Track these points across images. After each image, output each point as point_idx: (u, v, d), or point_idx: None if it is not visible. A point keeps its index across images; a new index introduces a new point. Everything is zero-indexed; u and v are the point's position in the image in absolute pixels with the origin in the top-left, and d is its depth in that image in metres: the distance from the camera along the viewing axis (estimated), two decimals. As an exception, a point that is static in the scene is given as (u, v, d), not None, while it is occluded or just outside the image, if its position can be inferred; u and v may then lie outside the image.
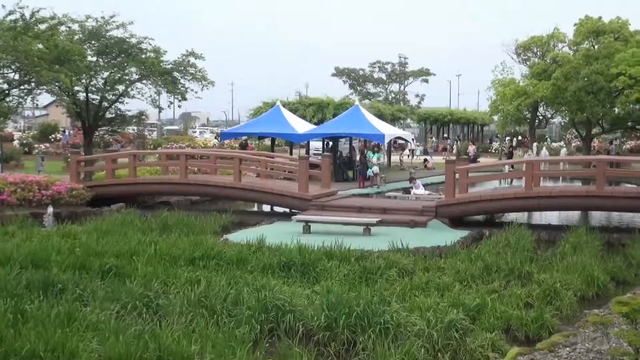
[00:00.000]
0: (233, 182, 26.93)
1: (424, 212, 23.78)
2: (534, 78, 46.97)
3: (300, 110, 44.53)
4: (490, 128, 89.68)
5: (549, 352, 9.56)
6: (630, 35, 44.04)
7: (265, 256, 16.06)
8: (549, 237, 21.55)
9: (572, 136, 69.07)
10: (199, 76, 35.68)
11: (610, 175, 27.05)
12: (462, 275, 14.96)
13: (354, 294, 12.31)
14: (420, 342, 10.44)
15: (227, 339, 10.24)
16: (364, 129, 35.09)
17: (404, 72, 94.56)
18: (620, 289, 15.25)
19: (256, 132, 39.82)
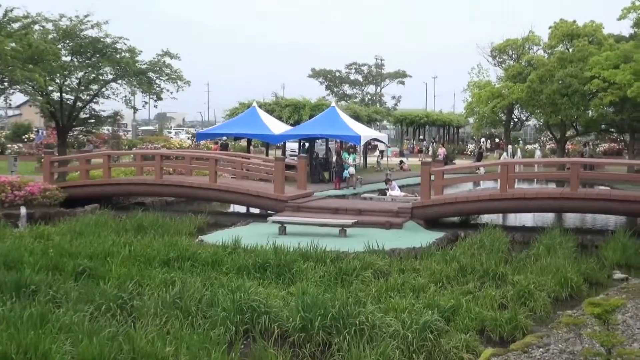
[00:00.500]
0: (208, 183, 26.85)
1: (399, 214, 23.85)
2: (509, 80, 47.34)
3: (277, 111, 44.52)
4: (466, 130, 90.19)
5: (522, 353, 9.62)
6: (604, 39, 44.47)
7: (240, 257, 16.00)
8: (524, 238, 21.72)
9: (546, 138, 69.63)
10: (174, 76, 35.49)
11: (584, 177, 27.30)
12: (437, 276, 14.99)
13: (330, 295, 12.30)
14: (395, 343, 10.45)
15: (202, 340, 10.17)
16: (340, 131, 35.13)
17: (380, 73, 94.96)
18: (594, 290, 15.38)
19: (232, 132, 39.73)
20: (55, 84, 33.28)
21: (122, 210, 25.53)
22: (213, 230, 22.33)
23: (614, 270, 17.39)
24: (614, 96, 36.89)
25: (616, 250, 18.61)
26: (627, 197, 22.98)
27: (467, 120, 67.19)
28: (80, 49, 33.54)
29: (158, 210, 24.75)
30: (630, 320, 10.16)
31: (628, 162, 40.09)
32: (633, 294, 12.55)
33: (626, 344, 8.71)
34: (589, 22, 46.25)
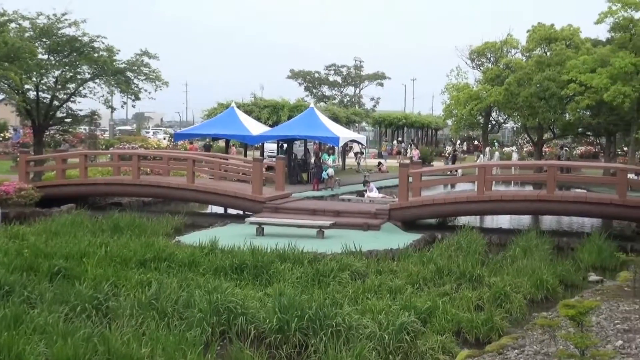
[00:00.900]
0: (186, 183, 26.75)
1: (377, 215, 23.90)
2: (487, 83, 47.63)
3: (255, 112, 44.42)
4: (445, 132, 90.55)
5: (497, 355, 9.67)
6: (581, 43, 44.88)
7: (217, 258, 15.96)
8: (500, 240, 21.84)
9: (524, 141, 70.08)
10: (152, 76, 35.25)
11: (561, 180, 27.51)
12: (414, 278, 15.04)
13: (307, 296, 12.31)
14: (371, 344, 10.47)
15: (178, 341, 10.13)
16: (319, 132, 35.13)
17: (359, 75, 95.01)
18: (569, 292, 15.49)
19: (210, 133, 39.59)
20: (32, 82, 32.93)
21: (99, 211, 25.37)
22: (190, 231, 22.24)
23: (589, 272, 17.54)
24: (590, 100, 37.23)
25: (591, 252, 18.77)
26: (602, 199, 23.20)
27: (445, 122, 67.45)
28: (58, 48, 33.21)
29: (135, 211, 24.60)
30: (604, 322, 10.24)
31: (604, 165, 40.49)
32: (607, 296, 12.65)
33: (600, 345, 8.78)
34: (567, 26, 46.64)
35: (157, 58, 35.57)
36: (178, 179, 28.20)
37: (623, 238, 21.86)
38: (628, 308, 11.09)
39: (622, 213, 22.96)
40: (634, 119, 36.99)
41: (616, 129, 42.93)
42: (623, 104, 34.45)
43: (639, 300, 11.56)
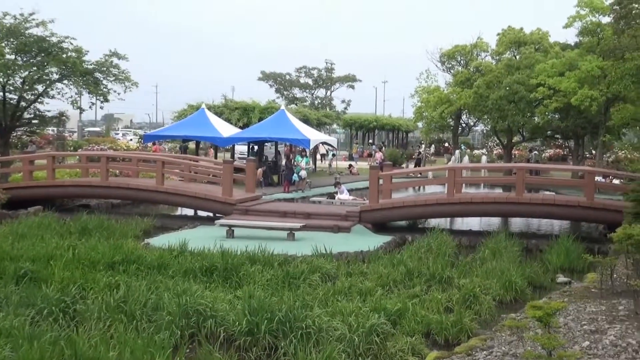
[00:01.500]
0: (155, 185, 26.59)
1: (348, 217, 23.93)
2: (458, 86, 47.87)
3: (226, 113, 44.21)
4: (415, 134, 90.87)
5: (466, 356, 9.70)
6: (550, 47, 45.27)
7: (187, 261, 15.88)
8: (470, 242, 21.98)
9: (494, 144, 70.54)
10: (122, 77, 35.00)
11: (530, 182, 27.74)
12: (384, 280, 15.08)
13: (277, 298, 12.30)
14: (341, 346, 10.47)
15: (146, 344, 10.05)
16: (290, 134, 35.06)
17: (330, 77, 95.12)
18: (537, 293, 15.60)
19: (180, 135, 39.30)
20: (-2, 83, 32.54)
21: (67, 213, 25.11)
22: (160, 233, 22.12)
23: (558, 274, 17.72)
24: (559, 103, 37.56)
25: (560, 254, 18.96)
26: (570, 202, 23.44)
27: (416, 124, 67.70)
28: (25, 48, 32.82)
29: (103, 213, 24.44)
30: (571, 323, 10.32)
31: (572, 167, 40.85)
32: (575, 297, 12.76)
33: (567, 346, 8.84)
34: (536, 29, 47.04)
35: (127, 59, 35.37)
36: (147, 181, 28.02)
37: (591, 240, 22.10)
38: (595, 309, 11.20)
39: (590, 215, 23.23)
40: (601, 122, 37.40)
41: (584, 132, 43.35)
42: (590, 107, 34.82)
43: (606, 302, 11.67)
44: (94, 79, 34.51)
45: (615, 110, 22.97)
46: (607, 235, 16.73)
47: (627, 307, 10.83)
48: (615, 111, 22.48)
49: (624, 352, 8.31)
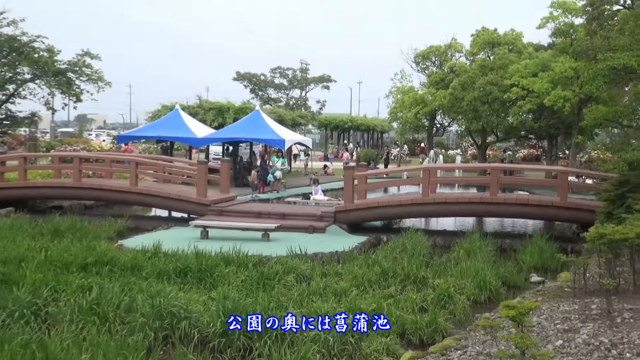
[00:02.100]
0: (129, 186, 26.41)
1: (322, 218, 23.92)
2: (432, 87, 48.02)
3: (200, 114, 44.01)
4: (390, 135, 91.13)
5: (441, 356, 9.71)
6: (524, 47, 45.60)
7: (161, 262, 15.79)
8: (444, 242, 22.07)
9: (468, 144, 70.90)
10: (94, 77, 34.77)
11: (504, 182, 27.92)
12: (359, 280, 15.08)
13: (251, 299, 12.24)
14: (316, 347, 10.45)
15: (120, 347, 9.96)
16: (265, 134, 34.96)
17: (305, 78, 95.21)
18: (511, 293, 15.70)
19: (154, 135, 39.02)
20: (-32, 83, 32.19)
21: (39, 214, 24.87)
22: (133, 234, 21.96)
23: (531, 273, 17.84)
24: (532, 104, 37.84)
25: (533, 253, 19.10)
26: (544, 202, 23.60)
27: (391, 125, 67.86)
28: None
29: (76, 214, 24.22)
30: (545, 322, 10.37)
31: (546, 167, 41.17)
32: (548, 297, 12.83)
33: (540, 345, 8.88)
34: (510, 30, 47.34)
35: (100, 59, 35.17)
36: (121, 182, 27.82)
37: (564, 239, 22.27)
38: (568, 308, 11.27)
39: (563, 215, 23.43)
40: (574, 123, 37.70)
41: (557, 133, 43.68)
42: (563, 108, 35.10)
43: (579, 301, 11.76)
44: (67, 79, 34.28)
45: (588, 110, 23.14)
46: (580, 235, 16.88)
47: (599, 306, 10.91)
48: (588, 112, 22.64)
49: (596, 351, 8.36)
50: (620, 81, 20.80)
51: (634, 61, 17.17)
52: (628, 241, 11.51)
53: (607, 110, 21.19)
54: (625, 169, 18.54)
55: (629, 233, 11.47)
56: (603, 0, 23.32)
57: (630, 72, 18.01)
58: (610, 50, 19.97)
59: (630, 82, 22.28)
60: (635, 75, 18.12)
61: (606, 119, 21.21)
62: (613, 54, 18.27)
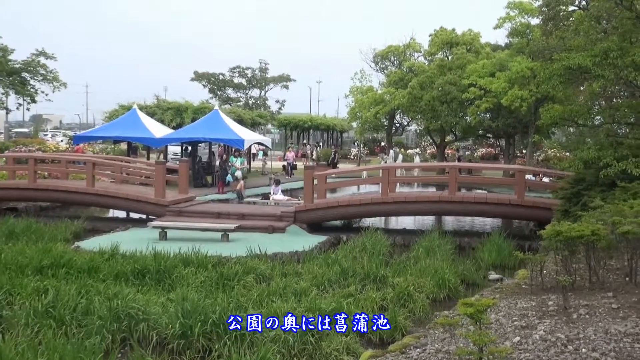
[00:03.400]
0: (86, 187, 26.08)
1: (282, 218, 23.88)
2: (391, 86, 48.25)
3: (158, 114, 43.70)
4: (350, 134, 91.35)
5: (400, 354, 9.74)
6: (481, 47, 46.06)
7: (118, 263, 15.61)
8: (404, 241, 22.17)
9: (427, 143, 71.38)
10: (50, 77, 34.26)
11: (463, 181, 28.16)
12: (319, 280, 15.07)
13: (211, 300, 12.15)
14: (276, 347, 10.41)
15: (76, 350, 9.80)
16: (224, 134, 34.78)
17: (264, 77, 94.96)
18: (470, 290, 15.83)
19: (111, 135, 38.58)
20: None
21: (-7, 216, 24.40)
22: (90, 236, 21.70)
23: (490, 271, 18.02)
24: (489, 103, 38.25)
25: (492, 251, 19.29)
26: (501, 200, 23.86)
27: (350, 124, 68.04)
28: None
29: (32, 216, 23.86)
30: (503, 319, 10.45)
31: (503, 166, 41.66)
32: (506, 294, 12.94)
33: (499, 342, 8.94)
34: (467, 30, 47.77)
35: (55, 58, 34.65)
36: (77, 183, 27.44)
37: (521, 237, 22.54)
38: (525, 305, 11.37)
39: (521, 213, 23.71)
40: (531, 122, 38.19)
41: (515, 132, 44.21)
42: (520, 107, 35.53)
43: (536, 297, 11.88)
44: (21, 79, 33.69)
45: (544, 110, 23.43)
46: (537, 233, 17.09)
47: (556, 302, 11.03)
48: (544, 111, 22.93)
49: (553, 347, 8.45)
50: (575, 81, 21.10)
51: (589, 61, 17.42)
52: (584, 238, 11.65)
53: (562, 110, 21.48)
54: (581, 167, 18.82)
55: (584, 230, 11.61)
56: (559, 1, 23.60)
57: (585, 71, 18.26)
58: (566, 50, 20.24)
59: (585, 82, 22.64)
60: (590, 75, 18.38)
61: (562, 118, 21.50)
62: (568, 54, 18.52)
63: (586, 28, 20.24)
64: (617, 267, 13.25)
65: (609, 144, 18.98)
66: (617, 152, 17.72)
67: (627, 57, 16.94)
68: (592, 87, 22.70)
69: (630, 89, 21.85)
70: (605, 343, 8.33)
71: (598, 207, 14.14)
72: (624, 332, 8.69)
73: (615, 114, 20.68)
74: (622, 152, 17.61)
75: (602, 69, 17.31)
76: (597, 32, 20.35)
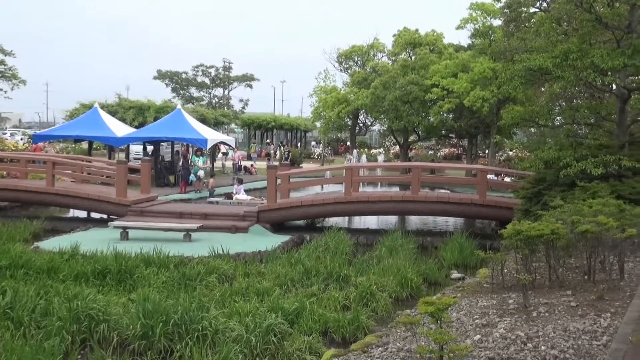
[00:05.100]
0: (45, 186, 25.72)
1: (245, 218, 23.80)
2: (355, 86, 48.41)
3: (120, 113, 43.28)
4: (314, 134, 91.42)
5: (362, 353, 9.76)
6: (444, 48, 46.40)
7: (79, 264, 15.42)
8: (367, 240, 22.22)
9: (391, 143, 71.72)
10: (8, 74, 33.73)
11: (426, 181, 28.32)
12: (282, 279, 15.06)
13: (172, 301, 12.05)
14: (238, 347, 10.37)
15: (35, 352, 9.68)
16: (186, 133, 34.57)
17: (228, 76, 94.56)
18: (432, 289, 15.91)
19: (72, 135, 38.12)
20: None
21: (-51, 216, 23.97)
22: (50, 236, 21.39)
23: (452, 270, 18.14)
24: (452, 104, 38.56)
25: (454, 250, 19.43)
26: (463, 199, 24.04)
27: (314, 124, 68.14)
28: None
29: (-10, 216, 23.42)
30: (464, 318, 10.53)
31: (466, 166, 41.99)
32: (468, 293, 13.05)
33: (459, 340, 9.01)
34: (430, 31, 48.09)
35: (13, 55, 34.11)
36: (37, 182, 27.05)
37: (483, 236, 22.72)
38: (486, 303, 11.47)
39: (482, 212, 23.91)
40: (493, 122, 38.57)
41: (477, 132, 44.61)
42: (482, 108, 35.88)
43: (497, 296, 11.99)
44: (-22, 77, 33.15)
45: (505, 111, 23.70)
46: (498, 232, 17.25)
47: (516, 300, 11.14)
48: (505, 112, 23.18)
49: (513, 344, 8.53)
50: (536, 82, 21.36)
51: (549, 62, 17.62)
52: (543, 237, 11.78)
53: (524, 111, 21.73)
54: (542, 167, 19.04)
55: (544, 229, 11.75)
56: (520, 3, 23.88)
57: (546, 73, 18.47)
58: (527, 51, 20.48)
59: (546, 83, 22.95)
60: (551, 76, 18.60)
61: (523, 119, 21.74)
62: (529, 55, 18.72)
63: (547, 30, 20.50)
64: (576, 265, 13.43)
65: (569, 144, 19.25)
66: (577, 152, 17.97)
67: (586, 58, 17.17)
68: (552, 88, 23.01)
69: (589, 90, 22.22)
70: (564, 340, 8.43)
71: (558, 206, 14.33)
72: (582, 330, 8.81)
73: (575, 114, 20.97)
74: (582, 152, 17.86)
75: (562, 70, 17.52)
76: (558, 33, 20.63)
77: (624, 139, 18.57)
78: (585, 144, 19.18)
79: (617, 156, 16.94)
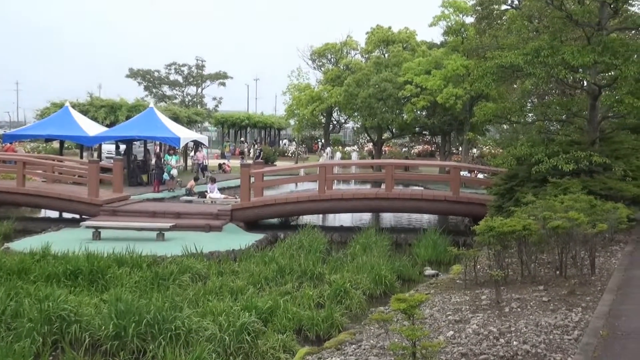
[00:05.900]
0: (16, 186, 25.43)
1: (219, 216, 23.71)
2: (328, 84, 48.42)
3: (92, 112, 42.82)
4: (287, 132, 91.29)
5: (336, 350, 9.76)
6: (417, 45, 46.56)
7: (50, 265, 15.26)
8: (341, 238, 22.23)
9: (365, 140, 71.81)
10: (-22, 74, 33.22)
11: (399, 178, 28.38)
12: (256, 278, 15.03)
13: (145, 300, 11.96)
14: (212, 346, 10.34)
15: (5, 354, 9.59)
16: (159, 132, 34.33)
17: (201, 74, 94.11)
18: (406, 286, 15.96)
19: (43, 134, 37.67)
20: None
21: None
22: (21, 236, 21.16)
23: (426, 266, 18.22)
24: (425, 101, 38.67)
25: (427, 247, 19.50)
26: (437, 196, 24.12)
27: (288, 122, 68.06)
28: None
29: (-41, 217, 23.12)
30: (437, 314, 10.57)
31: (439, 163, 42.15)
32: (441, 289, 13.11)
33: (432, 336, 9.05)
34: (404, 28, 48.23)
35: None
36: (7, 182, 26.73)
37: (457, 233, 22.82)
38: (459, 299, 11.53)
39: (456, 209, 24.03)
40: (466, 119, 38.73)
41: (450, 129, 44.77)
42: (455, 105, 36.04)
43: (470, 292, 12.05)
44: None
45: (478, 108, 23.82)
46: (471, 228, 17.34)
47: (489, 296, 11.21)
48: (478, 109, 23.29)
49: (485, 340, 8.57)
50: (508, 79, 21.48)
51: (521, 59, 17.72)
52: (516, 233, 11.87)
53: (496, 107, 21.84)
54: (514, 164, 19.16)
55: (516, 225, 11.83)
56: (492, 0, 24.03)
57: (518, 70, 18.58)
58: (499, 48, 20.61)
59: (518, 80, 23.08)
60: (522, 73, 18.72)
61: (495, 116, 21.86)
62: (501, 53, 18.82)
63: (518, 27, 20.61)
64: (548, 261, 13.54)
65: (541, 140, 19.40)
66: (548, 148, 18.11)
67: (557, 55, 17.30)
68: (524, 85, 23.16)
69: (561, 87, 22.38)
70: (535, 335, 8.49)
71: (530, 202, 14.43)
72: (554, 325, 8.87)
73: (546, 111, 21.12)
74: (554, 149, 18.00)
75: (534, 67, 17.64)
76: (529, 31, 20.76)
77: (594, 135, 18.74)
78: (557, 140, 19.33)
79: (588, 152, 17.09)
